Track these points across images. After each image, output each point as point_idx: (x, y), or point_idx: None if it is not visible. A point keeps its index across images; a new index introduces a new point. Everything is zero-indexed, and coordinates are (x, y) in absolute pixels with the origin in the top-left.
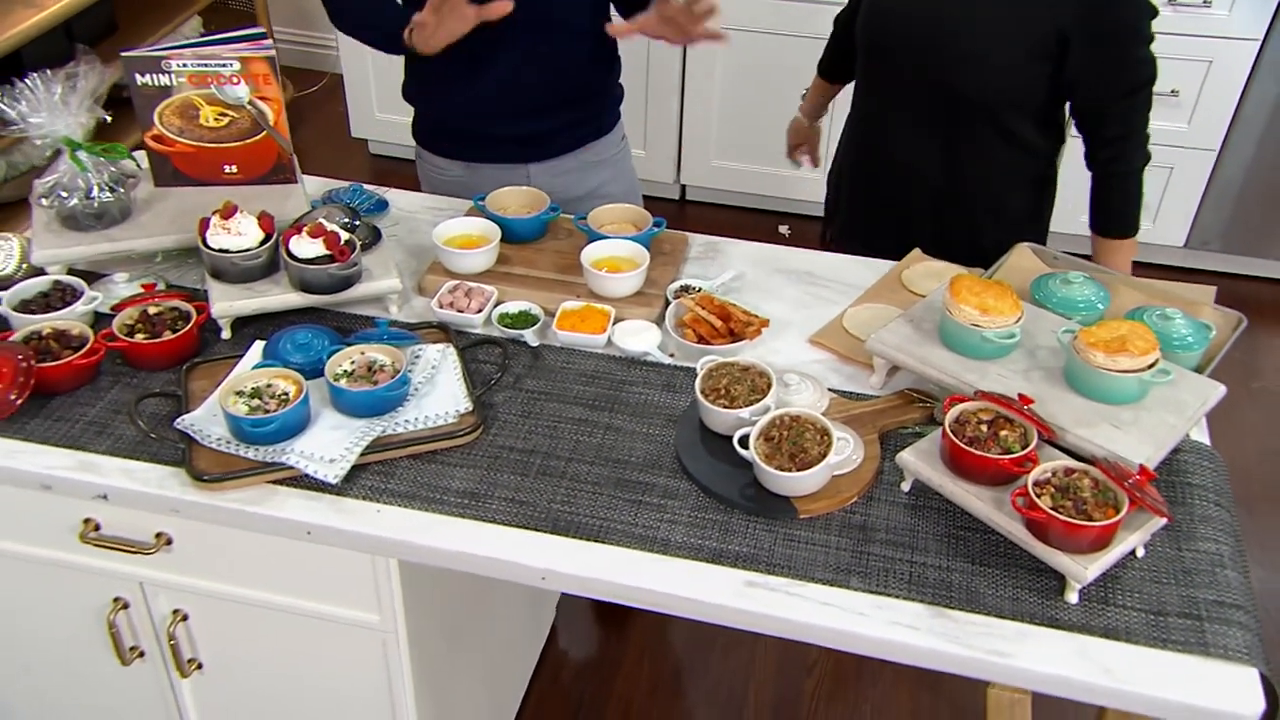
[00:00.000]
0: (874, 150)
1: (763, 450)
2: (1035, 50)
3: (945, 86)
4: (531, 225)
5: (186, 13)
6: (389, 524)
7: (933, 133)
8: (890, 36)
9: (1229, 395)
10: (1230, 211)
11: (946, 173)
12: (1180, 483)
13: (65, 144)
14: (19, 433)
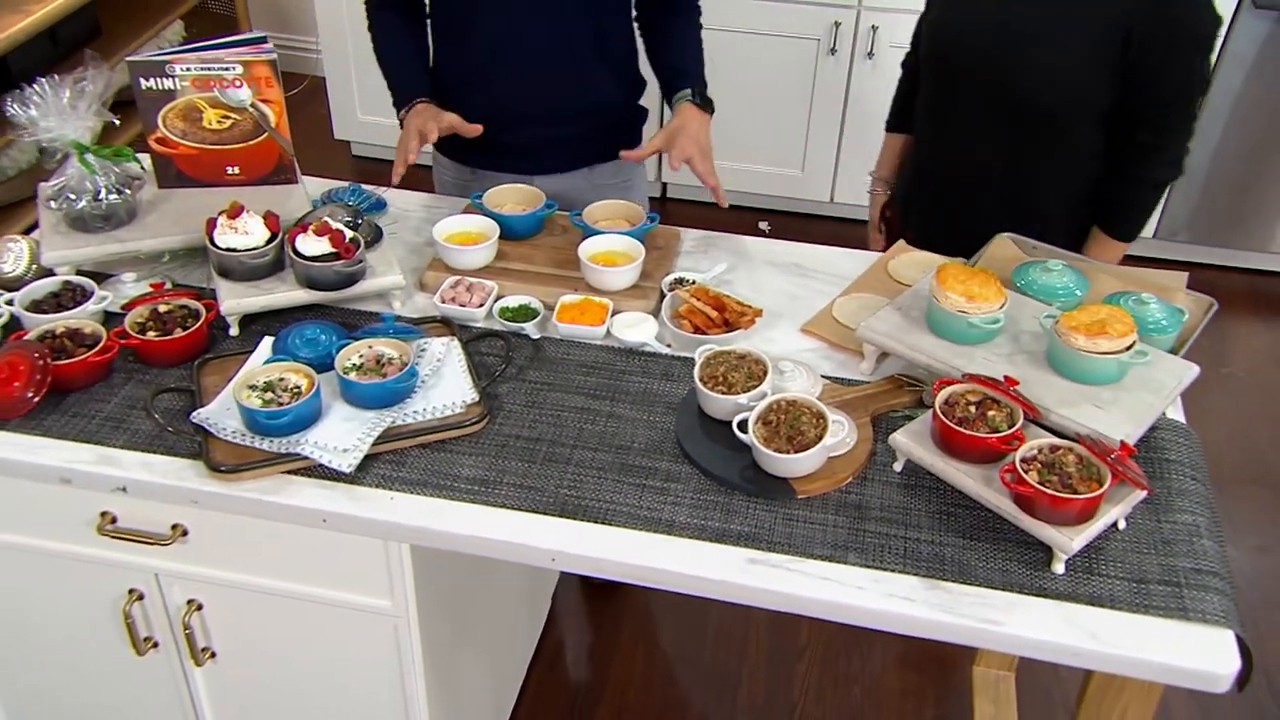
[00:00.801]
0: (941, 159)
1: (761, 434)
2: (1100, 56)
3: (1010, 96)
4: (528, 222)
5: (169, 17)
6: (402, 510)
7: (1000, 141)
8: (956, 51)
9: (1199, 380)
10: (1197, 203)
11: (1014, 179)
12: (1158, 459)
13: (74, 147)
14: (37, 428)
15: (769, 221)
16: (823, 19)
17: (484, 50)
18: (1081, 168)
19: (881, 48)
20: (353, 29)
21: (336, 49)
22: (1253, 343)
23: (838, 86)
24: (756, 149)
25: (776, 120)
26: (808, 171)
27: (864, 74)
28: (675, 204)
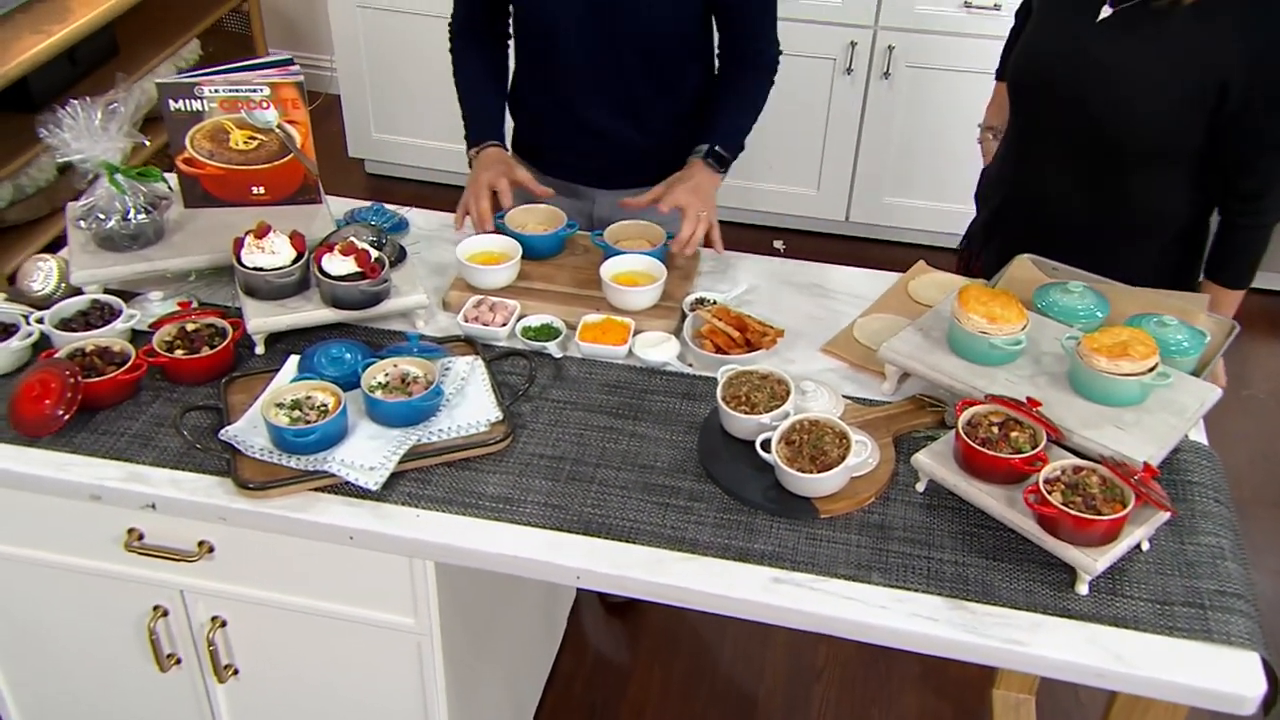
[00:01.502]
0: (1023, 188)
1: (784, 453)
2: (1192, 101)
3: (1095, 134)
4: (550, 242)
5: (186, 36)
6: (428, 528)
7: (1079, 175)
8: (1038, 75)
9: (1220, 402)
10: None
11: (1095, 216)
12: (1181, 480)
13: (105, 168)
14: (67, 445)
15: (784, 240)
16: (839, 39)
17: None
18: (1155, 204)
19: (898, 68)
20: (368, 47)
21: (351, 67)
22: (1273, 364)
23: (853, 106)
24: (771, 168)
25: (792, 139)
26: (823, 191)
27: (880, 94)
28: None
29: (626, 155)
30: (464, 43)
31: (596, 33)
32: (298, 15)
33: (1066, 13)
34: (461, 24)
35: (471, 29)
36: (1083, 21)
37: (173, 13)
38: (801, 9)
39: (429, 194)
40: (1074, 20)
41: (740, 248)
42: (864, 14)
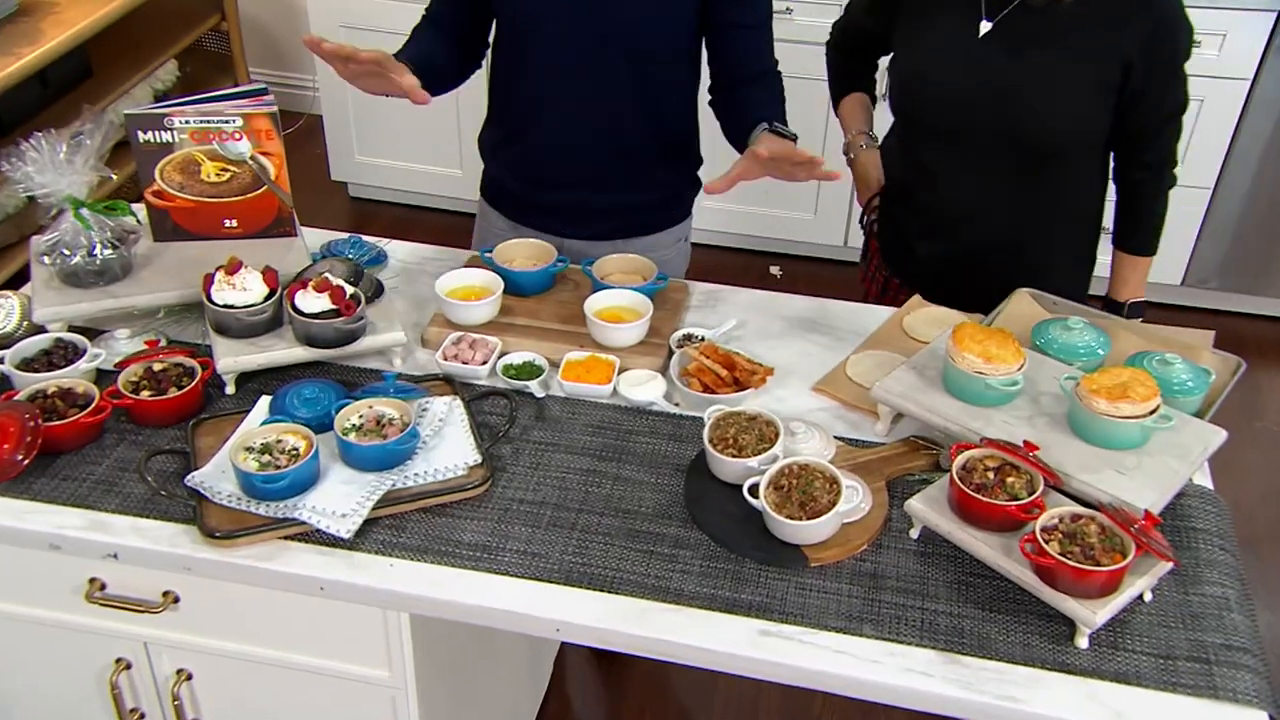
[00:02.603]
0: (931, 207)
1: (772, 499)
2: (1100, 88)
3: (1007, 142)
4: (537, 278)
5: (162, 57)
6: (402, 578)
7: (996, 184)
8: (941, 106)
9: (1233, 433)
10: (1227, 249)
11: (1014, 223)
12: (1185, 527)
13: (70, 203)
14: (25, 492)
15: (780, 266)
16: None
17: (529, 108)
18: (1078, 199)
19: None
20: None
21: (334, 88)
22: None
23: None
24: (768, 193)
25: None
26: (820, 215)
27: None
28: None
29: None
30: (421, 26)
31: (581, 36)
32: (279, 34)
33: (941, 35)
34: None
35: (433, 19)
36: (963, 39)
37: (148, 33)
38: (799, 30)
39: (413, 218)
40: (954, 41)
41: (736, 271)
42: None
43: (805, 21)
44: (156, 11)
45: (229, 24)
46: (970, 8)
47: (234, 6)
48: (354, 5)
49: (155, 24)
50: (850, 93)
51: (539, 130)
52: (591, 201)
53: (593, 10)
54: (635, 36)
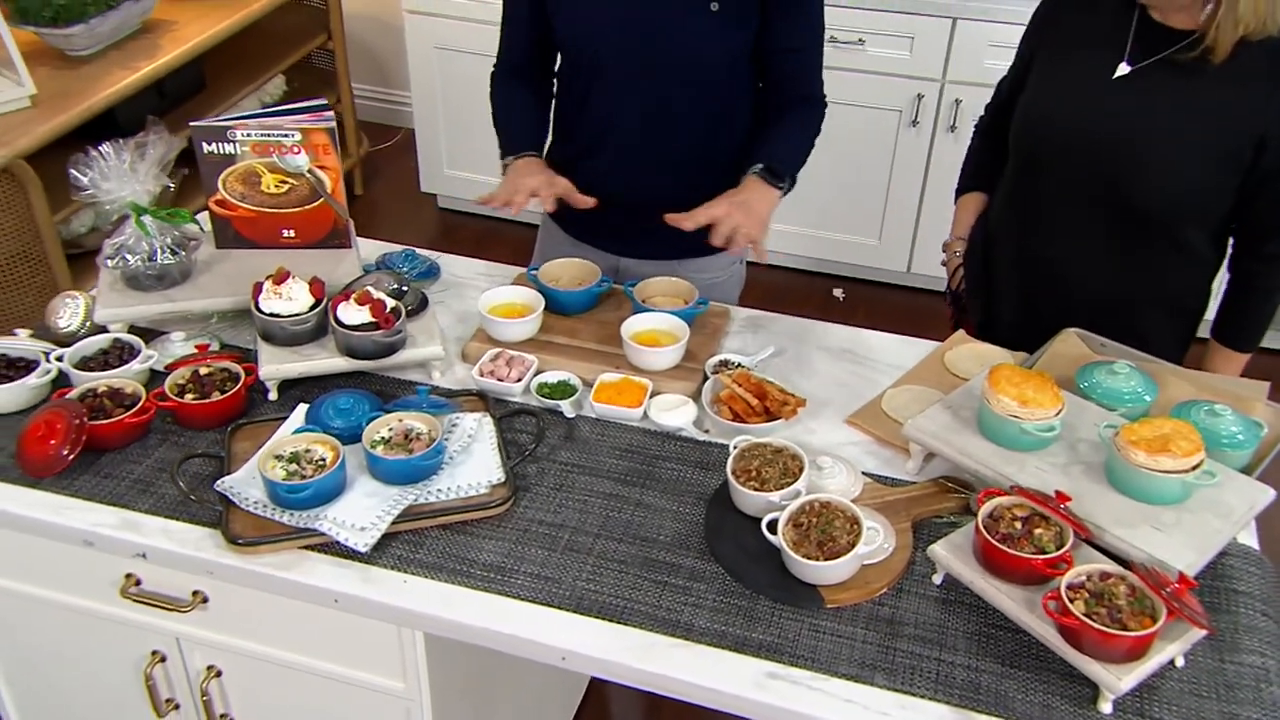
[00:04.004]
0: (1029, 253)
1: (791, 537)
2: (1227, 161)
3: (1118, 197)
4: (579, 298)
5: (271, 72)
6: (415, 595)
7: (1097, 242)
8: (1053, 143)
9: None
10: None
11: (1109, 282)
12: (1225, 589)
13: (131, 209)
14: (68, 488)
15: (843, 289)
16: (906, 91)
17: (592, 133)
18: (1183, 275)
19: (964, 121)
20: (443, 86)
21: (427, 104)
22: None
23: (918, 158)
24: (834, 216)
25: (855, 189)
26: (885, 241)
27: (945, 146)
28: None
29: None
30: (506, 83)
31: (641, 67)
32: (381, 53)
33: (1077, 71)
34: (505, 66)
35: (516, 72)
36: (1097, 81)
37: (259, 50)
38: (870, 60)
39: (496, 230)
40: (1087, 80)
41: (800, 292)
42: (933, 68)
43: (876, 53)
44: (267, 30)
45: (335, 42)
46: (1114, 48)
47: (339, 26)
48: (447, 28)
49: (266, 41)
50: (976, 188)
51: (601, 155)
52: (649, 223)
53: (653, 43)
54: (693, 68)
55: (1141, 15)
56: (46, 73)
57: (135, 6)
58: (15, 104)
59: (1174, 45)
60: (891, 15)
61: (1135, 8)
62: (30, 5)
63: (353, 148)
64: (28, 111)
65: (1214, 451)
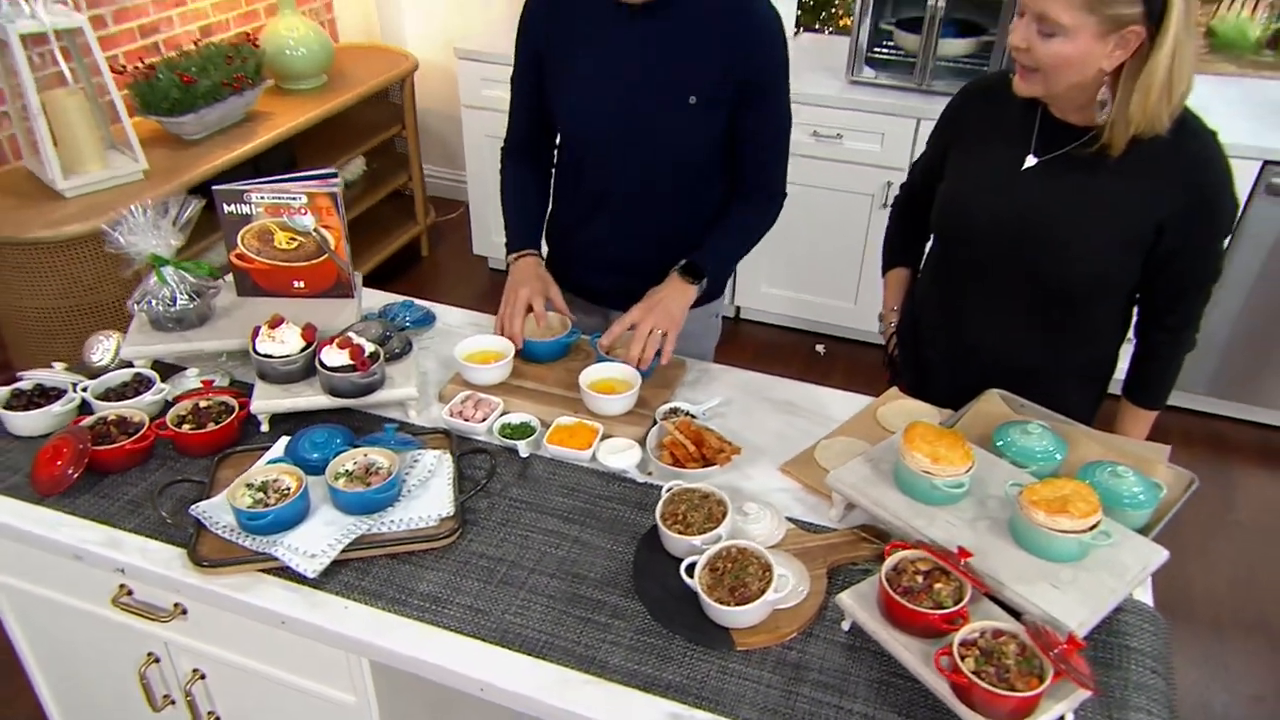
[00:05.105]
0: (954, 326)
1: (706, 580)
2: (1130, 244)
3: (1033, 277)
4: (550, 348)
5: (353, 153)
6: (353, 622)
7: (1016, 318)
8: (973, 230)
9: (1207, 523)
10: (1218, 362)
11: (1027, 353)
12: (1119, 645)
13: (152, 260)
14: (68, 506)
15: (825, 345)
16: (878, 179)
17: (585, 207)
18: (1096, 343)
19: None
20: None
21: (480, 182)
22: (1261, 494)
23: None
24: (816, 283)
25: (835, 259)
26: (860, 305)
27: None
28: (748, 324)
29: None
30: (513, 161)
31: (628, 150)
32: (447, 138)
33: (988, 163)
34: (512, 145)
35: (520, 150)
36: (1007, 172)
37: (344, 135)
38: (847, 152)
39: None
40: (998, 171)
41: (787, 349)
42: (900, 159)
43: (852, 146)
44: (353, 119)
45: (408, 132)
46: (1021, 143)
47: (413, 119)
48: (495, 120)
49: (350, 129)
50: (899, 264)
51: (595, 223)
52: (635, 283)
53: (638, 131)
54: (674, 153)
55: (1044, 113)
56: (162, 153)
57: (239, 100)
58: (130, 177)
59: (1075, 141)
60: (865, 115)
61: (1038, 106)
62: (152, 99)
63: (421, 217)
64: (140, 183)
65: (1116, 510)
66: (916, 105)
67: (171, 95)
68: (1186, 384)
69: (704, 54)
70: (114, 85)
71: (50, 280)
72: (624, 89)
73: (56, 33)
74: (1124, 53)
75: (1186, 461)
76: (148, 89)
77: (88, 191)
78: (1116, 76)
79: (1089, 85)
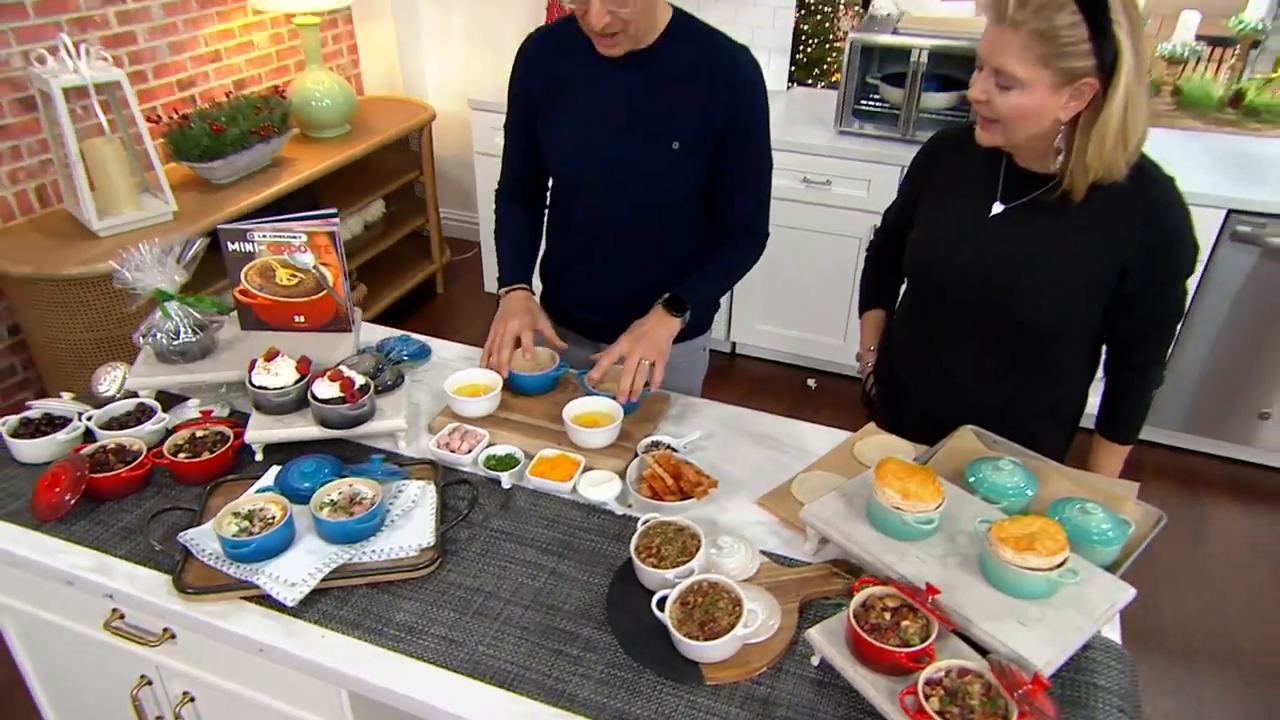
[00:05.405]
0: (928, 367)
1: (677, 615)
2: (1095, 286)
3: (1004, 319)
4: (538, 382)
5: (373, 197)
6: (329, 651)
7: (987, 359)
8: (944, 275)
9: (1179, 553)
10: (1190, 400)
11: (999, 392)
12: (1086, 682)
13: (156, 295)
14: (63, 532)
15: (816, 379)
16: (864, 222)
17: (576, 246)
18: (1064, 382)
19: None
20: None
21: (491, 222)
22: (1230, 526)
23: None
24: (808, 320)
25: (825, 298)
26: (848, 341)
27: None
28: (743, 359)
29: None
30: (506, 202)
31: (615, 192)
32: (461, 183)
33: (957, 210)
34: (505, 187)
35: (513, 192)
36: (975, 219)
37: (365, 180)
38: (835, 198)
39: None
40: (967, 218)
41: (781, 382)
42: (885, 204)
43: (840, 192)
44: (373, 165)
45: (425, 177)
46: (987, 190)
47: (431, 165)
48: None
49: (370, 174)
50: (875, 306)
51: (585, 263)
52: (624, 319)
53: (623, 176)
54: (657, 196)
55: (1008, 161)
56: (191, 195)
57: (265, 148)
58: (160, 218)
59: (1038, 188)
60: (853, 163)
61: (1003, 155)
62: (184, 146)
63: (437, 256)
64: (169, 223)
65: (1084, 547)
66: (900, 154)
67: (202, 143)
68: (1160, 421)
69: (685, 101)
70: (148, 134)
71: (81, 314)
72: (610, 134)
73: (96, 86)
74: (1079, 104)
75: (1160, 494)
76: (180, 137)
77: (120, 232)
78: (1074, 126)
79: (1048, 135)
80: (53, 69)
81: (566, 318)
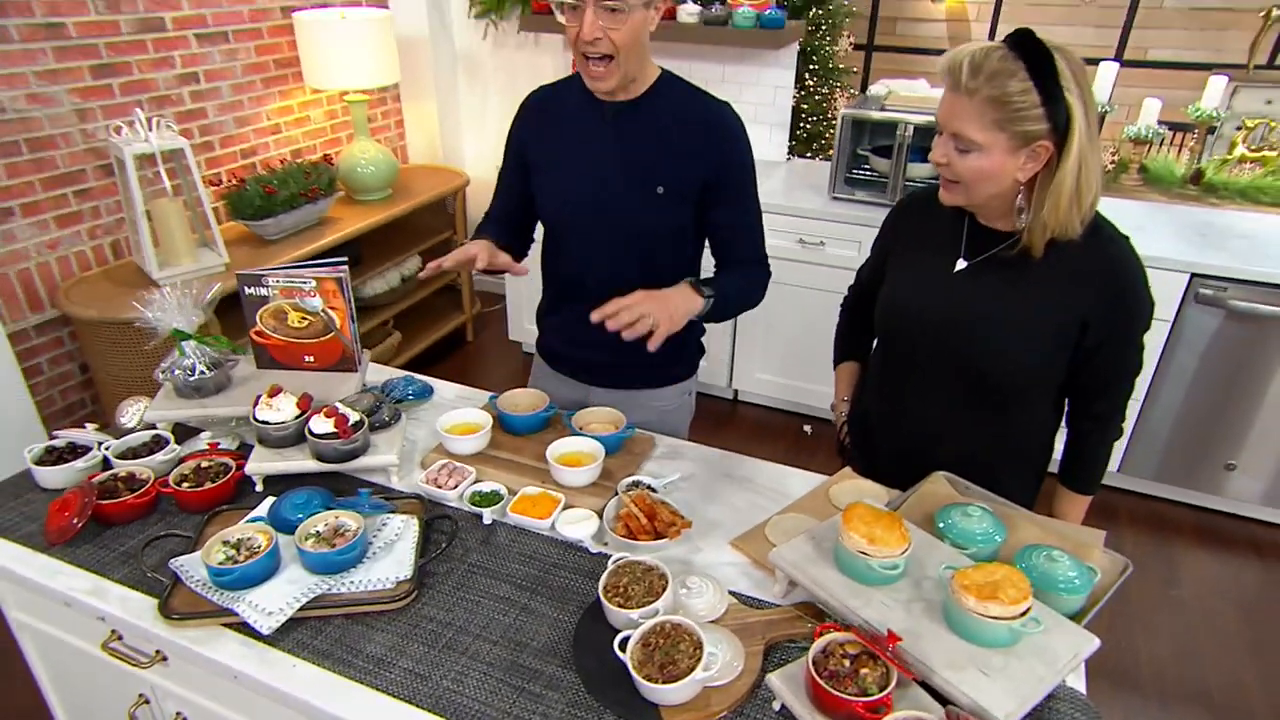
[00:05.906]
0: (899, 417)
1: (638, 656)
2: (1057, 339)
3: (970, 371)
4: (527, 422)
5: (410, 252)
6: (298, 681)
7: (951, 410)
8: (912, 329)
9: (1151, 597)
10: (1162, 450)
11: (967, 442)
12: None
13: (174, 334)
14: (68, 555)
15: (811, 426)
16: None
17: (565, 287)
18: (1030, 431)
19: None
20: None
21: (515, 278)
22: (1200, 571)
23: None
24: (804, 370)
25: (819, 350)
26: None
27: None
28: (744, 405)
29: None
30: (486, 222)
31: (602, 234)
32: None
33: (923, 267)
34: (490, 214)
35: (497, 216)
36: (941, 275)
37: (402, 237)
38: (828, 257)
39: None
40: (933, 274)
41: (778, 428)
42: None
43: (833, 251)
44: (411, 224)
45: (459, 235)
46: (952, 248)
47: (464, 224)
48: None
49: (409, 231)
50: (849, 358)
51: (573, 304)
52: (612, 360)
53: (610, 218)
54: (643, 238)
55: (971, 220)
56: (244, 250)
57: (313, 208)
58: (213, 269)
59: (999, 245)
60: (845, 226)
61: (966, 215)
62: (240, 205)
63: (467, 308)
64: (221, 274)
65: (1050, 594)
66: None
67: (255, 203)
68: (1134, 470)
69: (670, 150)
70: (208, 196)
71: (135, 355)
72: (597, 178)
73: (163, 154)
74: (1035, 165)
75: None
76: (237, 198)
77: (177, 281)
78: (1031, 186)
79: (1007, 194)
80: (127, 138)
81: (557, 359)
